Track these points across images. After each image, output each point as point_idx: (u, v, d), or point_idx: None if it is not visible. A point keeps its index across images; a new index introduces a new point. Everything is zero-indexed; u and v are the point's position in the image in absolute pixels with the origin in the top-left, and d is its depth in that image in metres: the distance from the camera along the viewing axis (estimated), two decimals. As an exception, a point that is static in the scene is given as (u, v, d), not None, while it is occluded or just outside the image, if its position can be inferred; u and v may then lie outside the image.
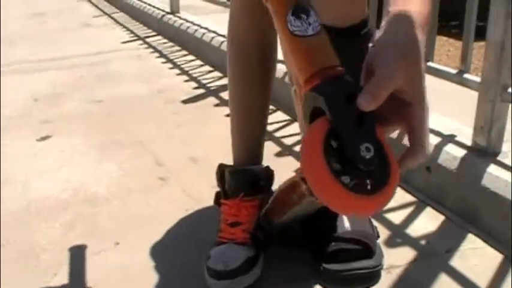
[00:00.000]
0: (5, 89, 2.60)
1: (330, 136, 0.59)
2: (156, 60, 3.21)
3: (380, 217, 1.38)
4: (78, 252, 1.30)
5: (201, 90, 2.56)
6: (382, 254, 1.19)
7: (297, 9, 0.66)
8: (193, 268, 1.21)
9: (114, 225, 1.41)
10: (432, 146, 1.47)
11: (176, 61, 3.12)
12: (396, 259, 1.22)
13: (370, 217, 1.27)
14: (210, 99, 2.41)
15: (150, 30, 4.05)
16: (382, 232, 1.29)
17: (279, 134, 1.95)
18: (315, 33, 0.65)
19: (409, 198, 1.47)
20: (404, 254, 1.25)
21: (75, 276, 1.22)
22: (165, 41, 3.67)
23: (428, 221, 1.38)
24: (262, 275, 1.17)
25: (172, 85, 2.67)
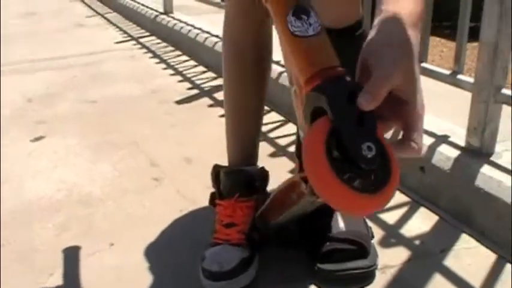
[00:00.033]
0: (-2, 89, 2.60)
1: (332, 136, 0.60)
2: (149, 60, 3.20)
3: (374, 217, 1.38)
4: (72, 253, 1.29)
5: (195, 91, 2.56)
6: (376, 254, 1.20)
7: (297, 10, 0.67)
8: (187, 269, 1.21)
9: (108, 226, 1.41)
10: (426, 147, 1.47)
11: (170, 61, 3.12)
12: (390, 259, 1.23)
13: (364, 217, 1.27)
14: (204, 100, 2.41)
15: (143, 31, 4.04)
16: (376, 232, 1.30)
17: (273, 135, 1.96)
18: (315, 34, 0.66)
19: (403, 198, 1.47)
20: (399, 254, 1.25)
21: (70, 277, 1.21)
22: (159, 41, 3.66)
23: (423, 221, 1.38)
24: (258, 276, 1.17)
25: (166, 85, 2.66)
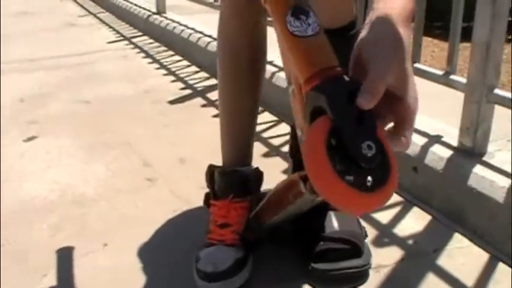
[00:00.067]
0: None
1: (332, 135, 0.60)
2: (142, 60, 3.20)
3: (368, 217, 1.39)
4: (66, 253, 1.29)
5: (188, 91, 2.56)
6: (370, 253, 1.20)
7: (296, 10, 0.67)
8: (181, 269, 1.21)
9: (102, 226, 1.41)
10: (419, 147, 1.48)
11: (163, 61, 3.12)
12: (384, 258, 1.23)
13: (358, 217, 1.28)
14: (197, 100, 2.41)
15: (136, 31, 4.04)
16: (369, 232, 1.30)
17: (266, 135, 1.96)
18: (314, 34, 0.66)
19: (397, 198, 1.48)
20: (392, 254, 1.26)
21: (64, 278, 1.21)
22: (152, 41, 3.66)
23: (416, 220, 1.39)
24: (253, 276, 1.17)
25: (159, 85, 2.66)
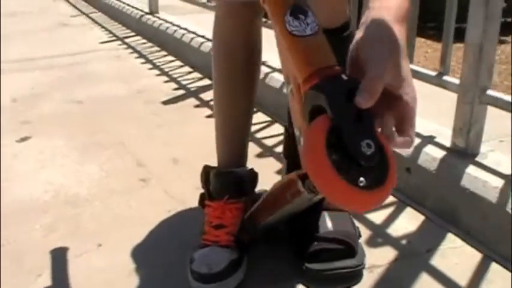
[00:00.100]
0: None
1: (331, 133, 0.60)
2: (135, 60, 3.19)
3: (361, 217, 1.39)
4: (60, 254, 1.29)
5: (181, 91, 2.55)
6: (364, 253, 1.21)
7: (295, 10, 0.67)
8: (175, 269, 1.21)
9: (96, 226, 1.41)
10: (412, 148, 1.49)
11: (156, 62, 3.11)
12: (378, 259, 1.24)
13: (351, 217, 1.28)
14: (190, 100, 2.41)
15: (128, 31, 4.03)
16: (363, 232, 1.31)
17: (259, 135, 1.96)
18: (313, 33, 0.67)
19: (390, 198, 1.48)
20: (386, 254, 1.26)
21: (58, 278, 1.21)
22: (144, 41, 3.65)
23: (409, 221, 1.40)
24: (247, 276, 1.17)
25: (152, 86, 2.66)
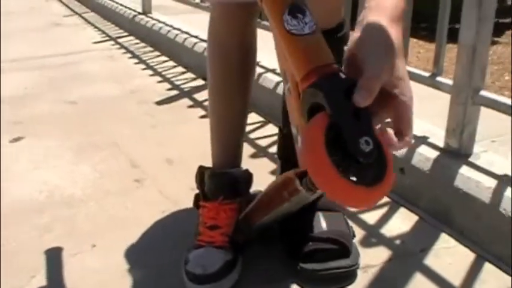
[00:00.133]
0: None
1: (330, 130, 0.61)
2: (128, 61, 3.19)
3: (355, 217, 1.40)
4: (55, 254, 1.29)
5: (174, 92, 2.55)
6: (358, 253, 1.21)
7: (293, 9, 0.68)
8: (169, 270, 1.22)
9: (90, 227, 1.41)
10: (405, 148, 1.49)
11: (149, 62, 3.11)
12: (372, 259, 1.24)
13: (345, 217, 1.29)
14: (183, 101, 2.41)
15: (121, 31, 4.02)
16: (357, 232, 1.32)
17: (253, 136, 1.97)
18: (311, 32, 0.67)
19: (384, 198, 1.48)
20: (380, 254, 1.27)
21: (53, 279, 1.21)
22: (137, 41, 3.64)
23: (402, 221, 1.40)
24: (242, 277, 1.17)
25: (145, 86, 2.66)
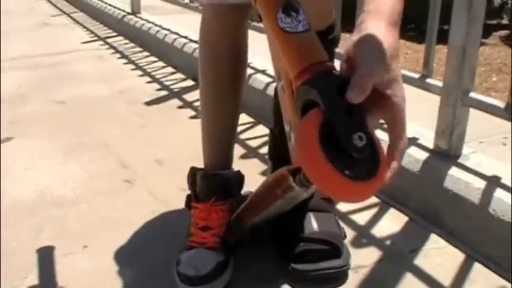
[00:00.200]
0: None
1: (324, 127, 0.62)
2: (117, 61, 3.18)
3: (345, 218, 1.41)
4: (47, 254, 1.29)
5: (164, 92, 2.55)
6: (349, 254, 1.22)
7: (287, 7, 0.69)
8: (160, 271, 1.22)
9: (81, 227, 1.40)
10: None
11: (138, 62, 3.10)
12: (363, 259, 1.25)
13: (336, 218, 1.29)
14: (173, 101, 2.41)
15: (110, 31, 4.01)
16: (348, 233, 1.32)
17: (243, 136, 1.97)
18: (304, 30, 0.68)
19: (374, 199, 1.49)
20: (371, 254, 1.28)
21: (45, 279, 1.21)
22: (127, 41, 3.63)
23: (393, 222, 1.41)
24: (234, 278, 1.18)
25: (135, 86, 2.65)
